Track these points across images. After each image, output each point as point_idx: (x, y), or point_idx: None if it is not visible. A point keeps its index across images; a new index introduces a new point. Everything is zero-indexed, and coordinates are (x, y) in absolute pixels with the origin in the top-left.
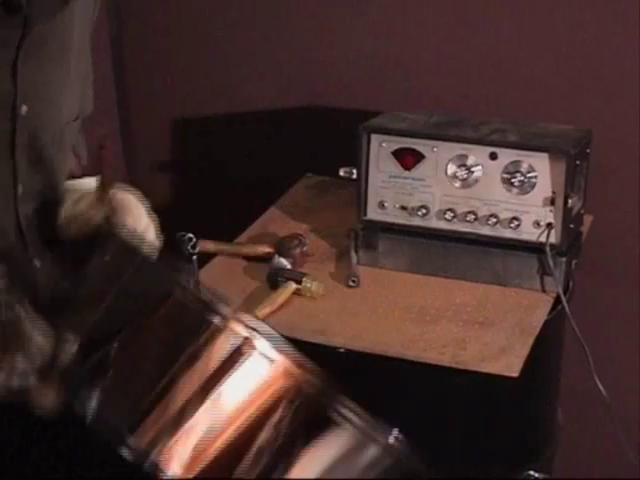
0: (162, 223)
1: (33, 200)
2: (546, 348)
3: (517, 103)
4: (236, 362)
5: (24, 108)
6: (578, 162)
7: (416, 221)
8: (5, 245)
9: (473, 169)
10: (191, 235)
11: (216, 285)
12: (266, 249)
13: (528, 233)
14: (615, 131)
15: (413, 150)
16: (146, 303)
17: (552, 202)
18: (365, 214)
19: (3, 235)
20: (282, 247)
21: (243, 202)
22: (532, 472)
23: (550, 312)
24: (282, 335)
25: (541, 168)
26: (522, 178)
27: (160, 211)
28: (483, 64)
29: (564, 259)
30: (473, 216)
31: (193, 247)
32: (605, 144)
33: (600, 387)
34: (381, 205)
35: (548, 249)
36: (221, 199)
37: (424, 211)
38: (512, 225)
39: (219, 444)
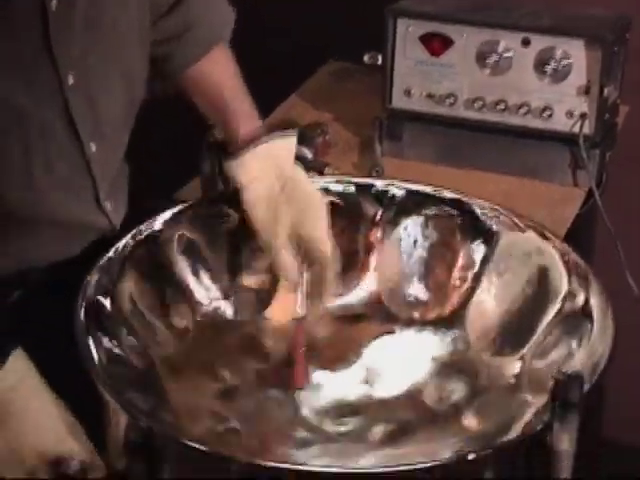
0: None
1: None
2: (577, 243)
3: None
4: None
5: (70, 78)
6: (615, 49)
7: (443, 110)
8: None
9: (504, 55)
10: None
11: None
12: None
13: (561, 123)
14: None
15: (441, 35)
16: None
17: (586, 91)
18: (390, 102)
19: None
20: (303, 136)
21: (263, 90)
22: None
23: (582, 206)
24: None
25: (576, 55)
26: (555, 65)
27: None
28: None
29: (597, 151)
30: (503, 105)
31: (213, 134)
32: None
33: (631, 283)
34: (407, 93)
35: (581, 140)
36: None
37: (452, 99)
38: (544, 115)
39: None
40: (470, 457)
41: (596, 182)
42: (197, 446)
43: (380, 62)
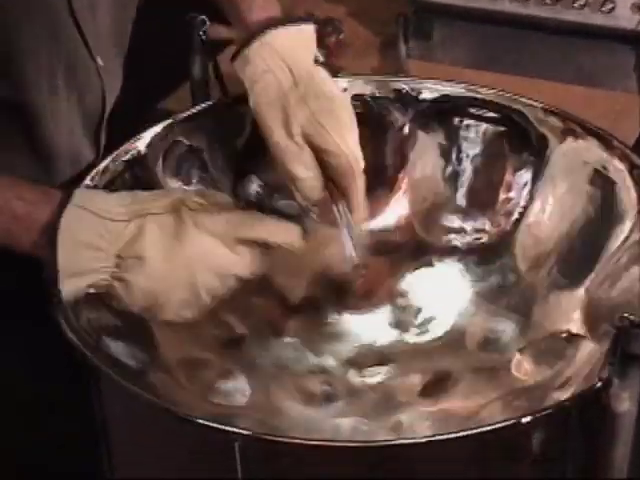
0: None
1: None
2: None
3: None
4: None
5: (99, 60)
6: None
7: (481, 3)
8: None
9: None
10: (204, 17)
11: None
12: None
13: (625, 19)
14: None
15: None
16: None
17: None
18: None
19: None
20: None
21: None
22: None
23: None
24: None
25: None
26: None
27: None
28: None
29: None
30: None
31: (204, 32)
32: None
33: None
34: None
35: None
36: None
37: None
38: (604, 9)
39: None
40: (525, 420)
41: None
42: (194, 419)
43: None
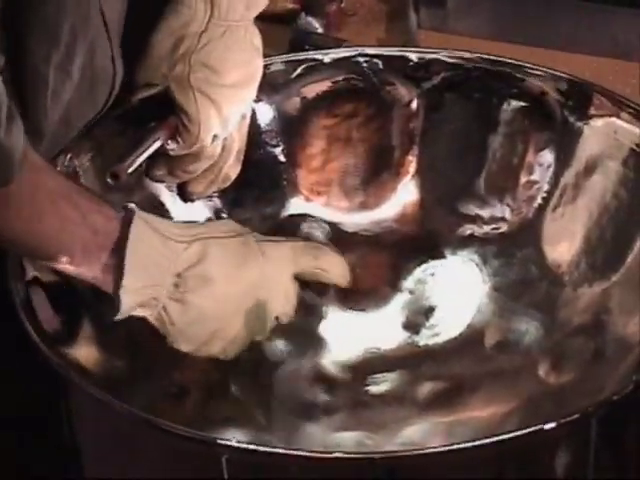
0: None
1: None
2: None
3: None
4: None
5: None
6: None
7: None
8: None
9: None
10: None
11: None
12: (289, 4)
13: None
14: None
15: None
16: None
17: None
18: None
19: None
20: (311, 1)
21: None
22: None
23: None
24: None
25: None
26: None
27: None
28: None
29: None
30: None
31: None
32: None
33: None
34: None
35: None
36: None
37: None
38: None
39: None
40: (549, 426)
41: None
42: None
43: None
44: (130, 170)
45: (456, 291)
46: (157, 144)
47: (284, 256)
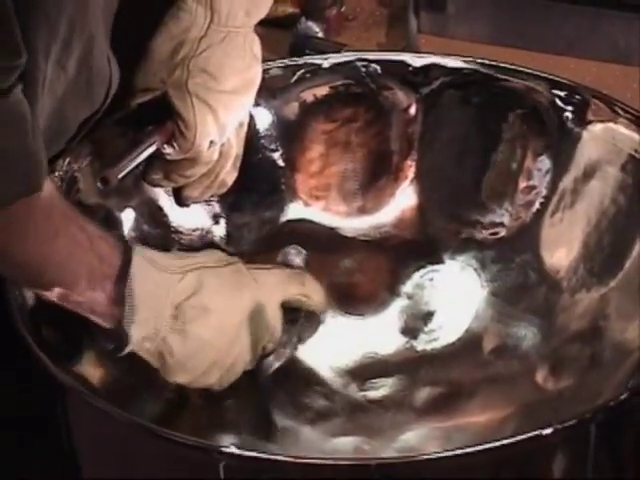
0: None
1: None
2: None
3: None
4: None
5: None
6: None
7: None
8: None
9: None
10: None
11: None
12: (289, 8)
13: None
14: None
15: None
16: None
17: None
18: None
19: None
20: (311, 6)
21: None
22: None
23: None
24: None
25: None
26: None
27: None
28: None
29: None
30: None
31: None
32: None
33: None
34: None
35: None
36: None
37: None
38: None
39: None
40: (546, 432)
41: None
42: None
43: None
44: (121, 175)
45: (454, 296)
46: (152, 149)
47: (275, 282)
